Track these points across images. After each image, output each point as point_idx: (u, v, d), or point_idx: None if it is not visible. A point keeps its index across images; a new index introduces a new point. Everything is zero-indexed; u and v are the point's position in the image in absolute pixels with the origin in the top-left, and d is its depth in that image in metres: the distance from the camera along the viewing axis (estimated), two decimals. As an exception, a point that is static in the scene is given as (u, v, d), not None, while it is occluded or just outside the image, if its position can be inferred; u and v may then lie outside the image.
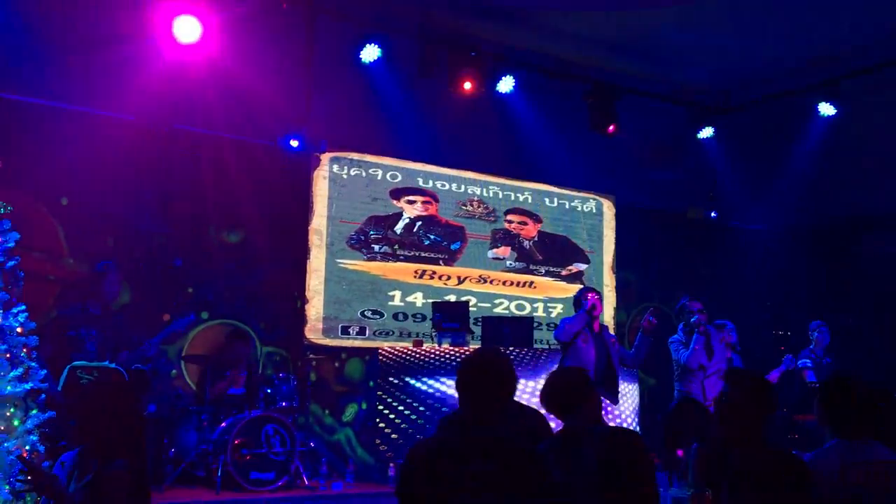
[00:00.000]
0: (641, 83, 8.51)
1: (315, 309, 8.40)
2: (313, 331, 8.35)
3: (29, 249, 6.04)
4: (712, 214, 9.38)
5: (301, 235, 8.46)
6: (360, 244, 8.78)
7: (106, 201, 7.44)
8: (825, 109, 8.18)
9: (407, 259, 9.02)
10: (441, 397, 7.40)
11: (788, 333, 9.41)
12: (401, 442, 7.31)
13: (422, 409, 7.42)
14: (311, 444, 7.48)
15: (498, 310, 9.37)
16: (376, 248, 8.87)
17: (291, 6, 6.89)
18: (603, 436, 3.21)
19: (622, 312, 10.40)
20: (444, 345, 7.76)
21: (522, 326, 7.96)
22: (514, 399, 3.22)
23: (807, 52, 7.91)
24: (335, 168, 8.73)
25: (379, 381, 7.56)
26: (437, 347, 7.70)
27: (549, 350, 7.92)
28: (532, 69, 8.02)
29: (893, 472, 3.28)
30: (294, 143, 7.37)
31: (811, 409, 7.37)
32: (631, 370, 7.53)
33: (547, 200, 10.09)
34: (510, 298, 9.56)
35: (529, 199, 9.97)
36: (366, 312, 8.67)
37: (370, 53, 7.30)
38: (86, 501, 3.17)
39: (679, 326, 6.97)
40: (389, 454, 7.35)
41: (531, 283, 9.76)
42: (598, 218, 10.43)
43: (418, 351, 7.63)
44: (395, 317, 8.84)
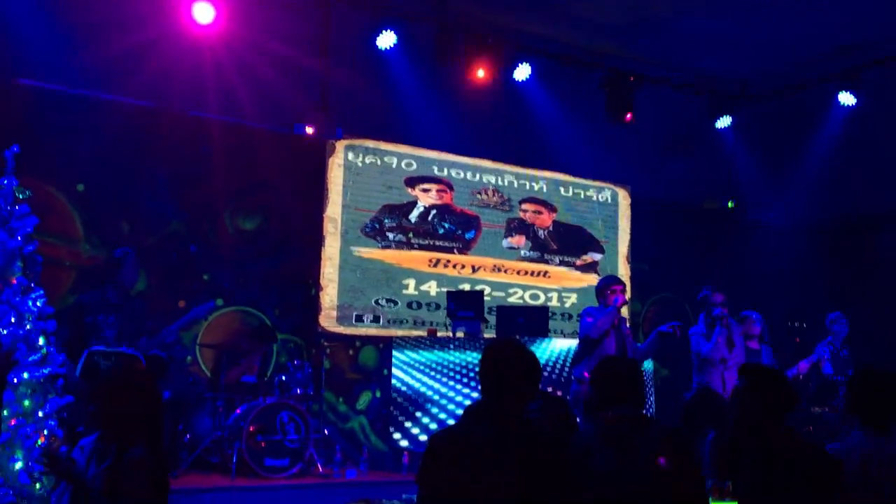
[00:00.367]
0: (659, 72, 8.43)
1: (329, 297, 8.40)
2: (327, 318, 8.36)
3: (45, 235, 6.05)
4: (729, 205, 9.30)
5: (316, 223, 8.45)
6: (375, 232, 8.76)
7: (122, 187, 7.47)
8: (845, 99, 8.08)
9: (421, 247, 9.00)
10: (455, 389, 7.39)
11: (804, 325, 9.33)
12: (414, 431, 7.32)
13: (436, 399, 7.42)
14: (326, 431, 7.50)
15: (512, 299, 9.35)
16: (391, 236, 8.85)
17: (308, -7, 6.86)
18: (658, 432, 3.19)
19: (636, 303, 10.34)
20: (459, 333, 7.74)
21: (538, 316, 7.93)
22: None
23: (827, 40, 7.81)
24: (350, 156, 8.71)
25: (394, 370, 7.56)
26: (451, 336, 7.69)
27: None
28: (549, 57, 7.96)
29: None
30: (309, 130, 7.33)
31: (828, 401, 7.34)
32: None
33: (562, 190, 10.04)
34: (524, 288, 9.53)
35: (544, 189, 9.92)
36: (380, 301, 8.67)
37: (386, 40, 7.25)
38: (104, 487, 3.18)
39: (700, 317, 6.89)
40: (403, 443, 7.35)
41: (545, 272, 9.73)
42: (613, 208, 10.37)
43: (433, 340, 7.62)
44: (409, 305, 8.83)
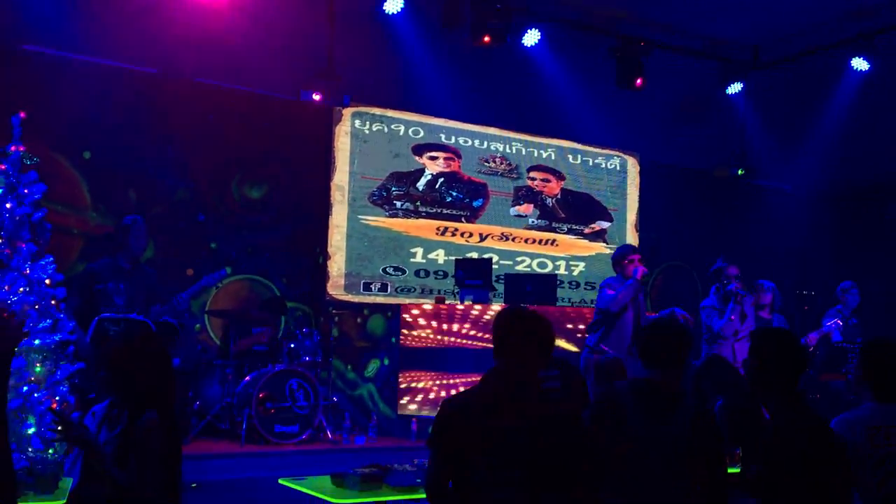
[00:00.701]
0: (669, 38, 8.32)
1: (337, 265, 8.40)
2: (335, 287, 8.36)
3: (53, 203, 6.05)
4: (739, 172, 9.23)
5: (323, 191, 8.42)
6: (382, 200, 8.74)
7: (128, 155, 7.43)
8: (858, 65, 7.96)
9: (429, 216, 8.97)
10: (462, 354, 7.41)
11: (813, 293, 9.30)
12: (421, 395, 7.36)
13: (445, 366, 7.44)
14: (335, 398, 7.54)
15: (520, 267, 9.33)
16: (398, 204, 8.82)
17: (314, -43, 6.77)
18: (698, 411, 3.19)
19: (644, 271, 10.30)
20: (467, 302, 7.74)
21: (545, 284, 7.91)
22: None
23: (840, 4, 7.68)
24: (357, 123, 8.66)
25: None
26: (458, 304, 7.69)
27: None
28: (558, 22, 7.86)
29: None
30: (316, 97, 7.29)
31: (837, 369, 7.32)
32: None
33: (570, 157, 9.98)
34: (532, 256, 9.51)
35: (553, 156, 9.86)
36: (388, 269, 8.66)
37: (393, 5, 7.16)
38: (116, 453, 3.18)
39: (711, 290, 6.84)
40: (411, 407, 7.40)
41: (553, 240, 9.70)
42: (622, 175, 10.31)
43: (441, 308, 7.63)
44: (416, 273, 8.83)
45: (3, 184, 4.75)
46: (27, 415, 4.49)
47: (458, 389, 6.96)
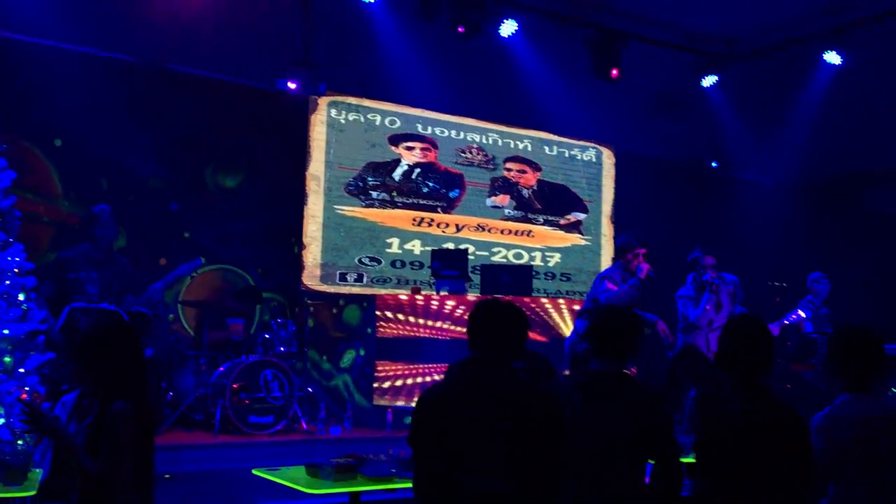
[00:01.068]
0: (645, 30, 8.35)
1: (312, 255, 8.36)
2: (311, 277, 8.32)
3: (23, 191, 5.95)
4: (713, 164, 9.29)
5: (298, 181, 8.37)
6: (358, 190, 8.70)
7: (100, 143, 7.31)
8: (831, 59, 8.05)
9: (405, 206, 8.95)
10: (437, 344, 7.41)
11: (785, 285, 9.39)
12: (397, 385, 7.35)
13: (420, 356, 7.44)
14: (310, 389, 7.51)
15: (496, 258, 9.34)
16: (374, 194, 8.79)
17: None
18: (645, 396, 3.20)
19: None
20: (443, 292, 7.73)
21: (522, 275, 7.93)
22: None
23: (815, -2, 7.76)
24: (333, 112, 8.60)
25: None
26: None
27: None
28: (535, 13, 7.86)
29: None
30: (291, 86, 7.24)
31: (807, 359, 7.39)
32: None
33: (546, 149, 9.99)
34: (508, 247, 9.53)
35: (529, 147, 9.87)
36: (363, 259, 8.63)
37: (371, -6, 7.13)
38: (87, 443, 3.15)
39: (688, 279, 6.87)
40: (386, 398, 7.39)
41: (529, 231, 9.72)
42: (597, 167, 10.34)
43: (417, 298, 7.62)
44: (392, 264, 8.81)
45: (-29, 171, 4.67)
46: (-4, 405, 4.43)
47: (434, 379, 6.97)
